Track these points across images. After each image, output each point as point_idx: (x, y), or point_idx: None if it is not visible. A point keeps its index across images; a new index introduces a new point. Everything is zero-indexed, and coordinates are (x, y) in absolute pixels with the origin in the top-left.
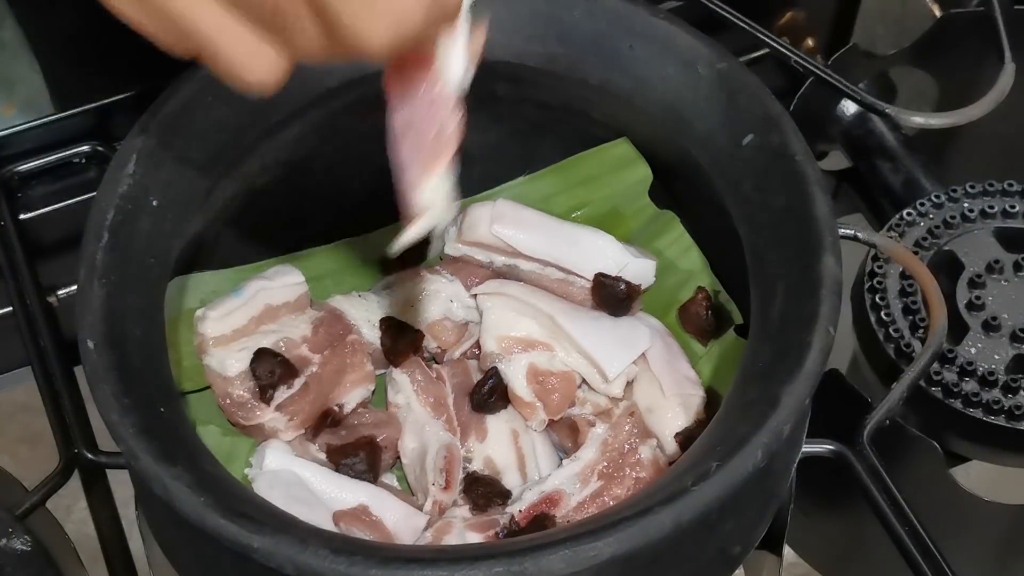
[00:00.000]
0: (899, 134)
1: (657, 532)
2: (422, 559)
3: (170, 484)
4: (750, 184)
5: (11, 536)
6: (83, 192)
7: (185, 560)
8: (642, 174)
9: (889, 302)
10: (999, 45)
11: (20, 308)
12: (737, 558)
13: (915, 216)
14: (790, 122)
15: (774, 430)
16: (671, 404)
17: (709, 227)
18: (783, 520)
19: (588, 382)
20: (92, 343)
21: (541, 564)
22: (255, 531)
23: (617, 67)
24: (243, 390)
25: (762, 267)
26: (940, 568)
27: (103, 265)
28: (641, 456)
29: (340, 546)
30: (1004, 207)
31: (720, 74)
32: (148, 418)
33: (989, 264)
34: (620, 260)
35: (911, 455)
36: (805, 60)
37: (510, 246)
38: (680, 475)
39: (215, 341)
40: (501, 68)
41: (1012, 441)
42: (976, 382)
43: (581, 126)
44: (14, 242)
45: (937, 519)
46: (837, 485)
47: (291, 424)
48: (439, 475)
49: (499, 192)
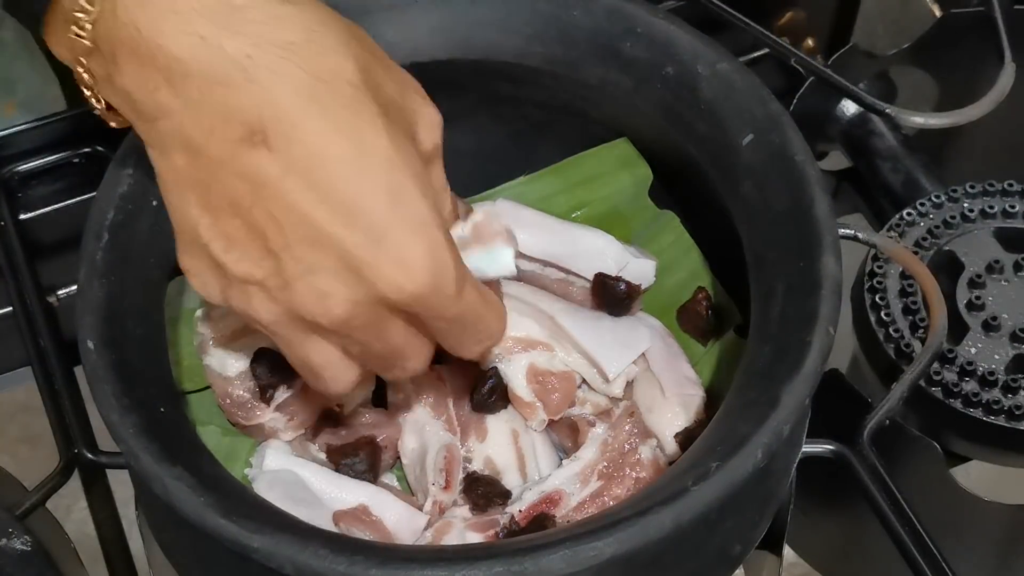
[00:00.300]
0: (899, 134)
1: (657, 532)
2: (422, 559)
3: (170, 484)
4: (750, 184)
5: (11, 536)
6: (83, 192)
7: (185, 560)
8: (642, 174)
9: (889, 302)
10: (999, 45)
11: (20, 308)
12: (737, 558)
13: (915, 216)
14: (790, 122)
15: (774, 430)
16: (671, 404)
17: (709, 227)
18: (783, 520)
19: (588, 382)
20: (92, 343)
21: (541, 564)
22: (255, 531)
23: (617, 67)
24: (243, 390)
25: (762, 267)
26: (940, 568)
27: (103, 265)
28: (641, 456)
29: (340, 546)
30: (1004, 207)
31: (720, 74)
32: (148, 418)
33: (989, 264)
34: (620, 260)
35: (911, 455)
36: (805, 60)
37: None
38: (680, 475)
39: (215, 341)
40: (501, 68)
41: (1012, 441)
42: (976, 382)
43: (581, 126)
44: (14, 242)
45: (937, 519)
46: (837, 485)
47: (291, 424)
48: (439, 475)
49: (499, 192)
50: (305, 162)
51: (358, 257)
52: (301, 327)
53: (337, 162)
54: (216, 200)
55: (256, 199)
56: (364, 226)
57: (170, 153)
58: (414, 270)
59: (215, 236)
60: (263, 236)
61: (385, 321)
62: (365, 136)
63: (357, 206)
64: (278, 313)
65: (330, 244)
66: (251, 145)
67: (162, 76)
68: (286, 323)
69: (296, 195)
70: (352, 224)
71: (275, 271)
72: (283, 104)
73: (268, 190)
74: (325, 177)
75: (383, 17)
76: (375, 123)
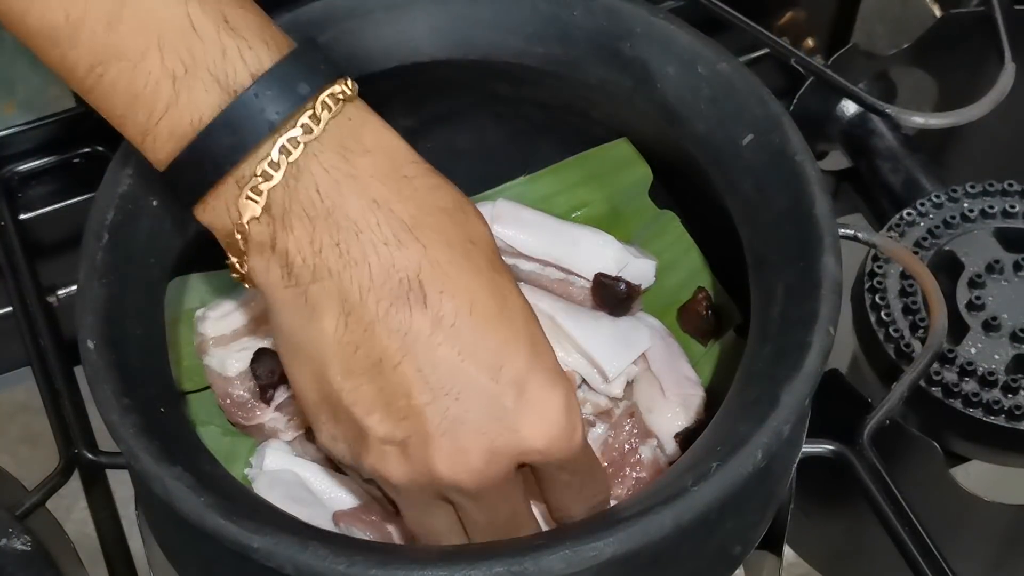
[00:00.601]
0: (899, 134)
1: (657, 532)
2: (422, 559)
3: (170, 484)
4: (750, 184)
5: (11, 536)
6: (83, 192)
7: (185, 560)
8: (642, 174)
9: (889, 302)
10: (999, 45)
11: (20, 308)
12: (737, 558)
13: (915, 216)
14: (790, 122)
15: (774, 430)
16: (671, 404)
17: (709, 227)
18: (783, 520)
19: (588, 382)
20: (92, 343)
21: (541, 564)
22: (255, 531)
23: (617, 67)
24: (243, 390)
25: (762, 267)
26: (940, 568)
27: (103, 265)
28: (641, 456)
29: (340, 546)
30: (1004, 207)
31: (720, 74)
32: (148, 418)
33: (989, 264)
34: (620, 260)
35: (911, 455)
36: (805, 60)
37: (510, 246)
38: (680, 475)
39: (215, 341)
40: (501, 68)
41: (1012, 441)
42: (976, 382)
43: (581, 126)
44: (14, 242)
45: (937, 519)
46: (837, 485)
47: (291, 424)
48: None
49: (499, 192)
50: (455, 317)
51: (503, 406)
52: (431, 492)
53: (485, 316)
54: (361, 362)
55: (405, 355)
56: (509, 377)
57: (320, 316)
58: (553, 418)
59: (357, 400)
60: (407, 395)
61: (512, 479)
62: (507, 293)
63: (503, 358)
64: (414, 474)
65: (476, 395)
66: (406, 303)
67: (331, 235)
68: (419, 485)
69: (445, 349)
70: (497, 376)
71: (417, 429)
72: (442, 259)
73: (419, 345)
74: (474, 330)
75: (383, 17)
76: (512, 281)
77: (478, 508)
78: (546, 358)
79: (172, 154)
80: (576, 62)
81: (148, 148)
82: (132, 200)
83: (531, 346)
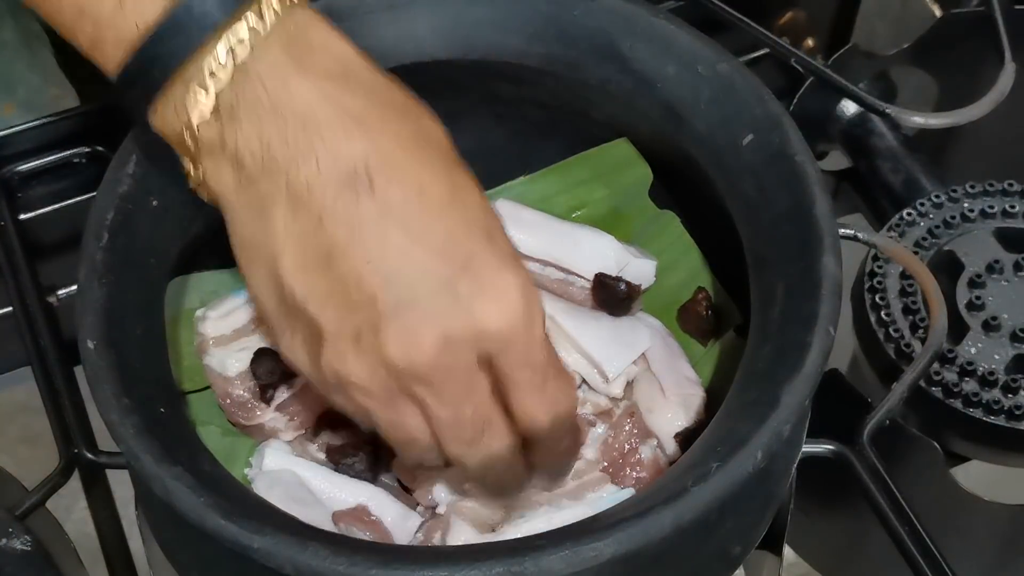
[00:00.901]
0: (899, 134)
1: (657, 532)
2: (422, 559)
3: (170, 484)
4: (750, 184)
5: (11, 536)
6: (83, 192)
7: (185, 560)
8: (642, 174)
9: (889, 302)
10: (999, 45)
11: (20, 308)
12: (737, 558)
13: (915, 216)
14: (790, 122)
15: (774, 430)
16: (671, 404)
17: (709, 227)
18: (783, 520)
19: (588, 382)
20: (92, 343)
21: (541, 564)
22: (255, 531)
23: (617, 67)
24: (243, 390)
25: (762, 267)
26: (940, 568)
27: (103, 265)
28: (641, 456)
29: (340, 546)
30: (1004, 207)
31: (720, 74)
32: (148, 418)
33: (989, 264)
34: (620, 260)
35: (911, 455)
36: (805, 60)
37: None
38: (680, 475)
39: (215, 341)
40: (501, 68)
41: (1012, 441)
42: (976, 382)
43: (581, 126)
44: (14, 242)
45: (937, 519)
46: (837, 485)
47: (291, 424)
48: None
49: (499, 192)
50: (404, 204)
51: (455, 288)
52: (394, 388)
53: (436, 202)
54: (312, 256)
55: (353, 244)
56: (461, 260)
57: (270, 212)
58: (510, 302)
59: (309, 295)
60: (358, 284)
61: (473, 373)
62: (459, 184)
63: (454, 242)
64: (371, 367)
65: (427, 280)
66: (353, 191)
67: (279, 129)
68: (380, 380)
69: (394, 234)
70: (449, 259)
71: (368, 318)
72: (389, 149)
73: (367, 232)
74: (423, 216)
75: (383, 17)
76: (467, 175)
77: (440, 402)
78: (501, 244)
79: (122, 61)
80: (576, 62)
81: (99, 57)
82: (132, 200)
83: (485, 232)
